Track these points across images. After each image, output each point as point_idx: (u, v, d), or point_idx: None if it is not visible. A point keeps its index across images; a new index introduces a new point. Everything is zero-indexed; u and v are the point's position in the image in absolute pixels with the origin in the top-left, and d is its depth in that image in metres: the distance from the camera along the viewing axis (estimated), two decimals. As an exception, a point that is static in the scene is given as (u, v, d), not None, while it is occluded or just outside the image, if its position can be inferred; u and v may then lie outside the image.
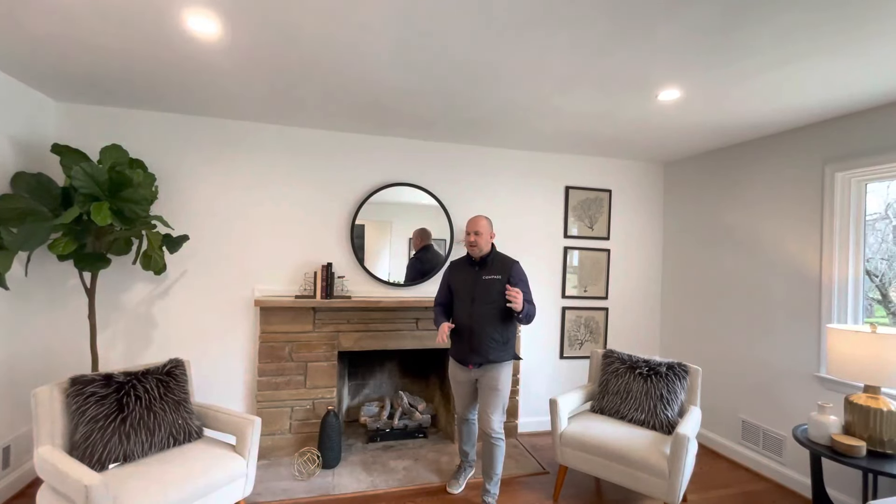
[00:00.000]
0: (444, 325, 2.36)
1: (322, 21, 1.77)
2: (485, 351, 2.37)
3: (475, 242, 2.40)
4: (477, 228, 2.40)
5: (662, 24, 1.72)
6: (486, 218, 2.44)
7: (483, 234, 2.40)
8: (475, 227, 2.40)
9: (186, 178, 3.01)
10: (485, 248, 2.43)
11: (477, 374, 2.46)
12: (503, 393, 2.42)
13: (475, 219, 2.43)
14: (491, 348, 2.37)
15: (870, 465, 2.00)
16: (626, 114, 2.74)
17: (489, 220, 2.44)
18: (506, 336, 2.40)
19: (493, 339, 2.37)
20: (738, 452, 3.20)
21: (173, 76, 2.35)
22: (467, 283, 2.45)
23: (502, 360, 2.41)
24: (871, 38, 1.78)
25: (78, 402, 1.98)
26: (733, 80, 2.20)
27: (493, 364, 2.40)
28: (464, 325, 2.41)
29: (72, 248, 2.33)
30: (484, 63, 2.10)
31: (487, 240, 2.43)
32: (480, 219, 2.43)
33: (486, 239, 2.42)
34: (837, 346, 2.25)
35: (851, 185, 2.65)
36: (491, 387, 2.41)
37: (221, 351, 3.08)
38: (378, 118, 2.97)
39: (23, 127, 2.54)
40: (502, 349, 2.40)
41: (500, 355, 2.40)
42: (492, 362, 2.39)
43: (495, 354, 2.38)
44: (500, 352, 2.39)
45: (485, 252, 2.44)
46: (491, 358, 2.38)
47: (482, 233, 2.40)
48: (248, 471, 2.21)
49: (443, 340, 2.33)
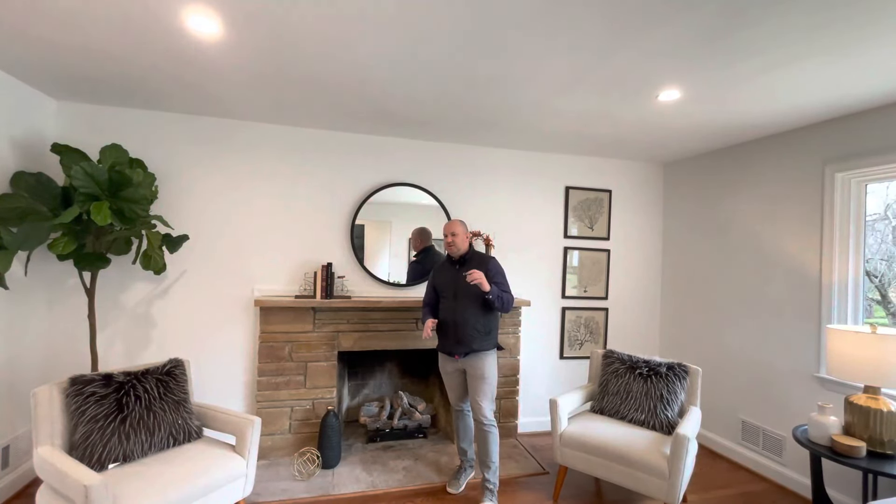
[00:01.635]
0: (428, 321, 2.58)
1: (322, 21, 1.76)
2: (468, 341, 2.53)
3: (452, 243, 2.60)
4: (453, 230, 2.60)
5: (662, 25, 1.72)
6: (460, 221, 2.66)
7: (459, 235, 2.61)
8: (451, 229, 2.61)
9: (186, 177, 3.01)
10: (462, 247, 2.62)
11: (463, 365, 2.60)
12: (490, 381, 2.57)
13: (450, 223, 2.65)
14: (474, 338, 2.53)
15: (870, 466, 2.00)
16: (626, 114, 2.74)
17: (463, 223, 2.67)
18: (488, 327, 2.57)
19: (476, 329, 2.54)
20: (738, 453, 3.20)
21: (173, 76, 2.35)
22: (449, 282, 2.62)
23: (485, 348, 2.57)
24: (870, 40, 1.78)
25: (77, 402, 1.98)
26: (733, 80, 2.20)
27: (476, 353, 2.56)
28: (448, 320, 2.58)
29: (71, 247, 2.33)
30: (484, 64, 2.10)
31: (464, 240, 2.63)
32: (455, 222, 2.65)
33: (463, 239, 2.62)
34: (837, 347, 2.25)
35: (851, 186, 2.65)
36: (477, 376, 2.55)
37: (221, 351, 3.08)
38: (378, 118, 2.97)
39: (23, 126, 2.54)
40: (485, 339, 2.56)
41: (483, 344, 2.56)
42: (475, 351, 2.55)
43: (478, 344, 2.54)
44: (482, 341, 2.55)
45: (462, 251, 2.63)
46: (474, 347, 2.54)
47: (458, 234, 2.60)
48: (248, 471, 2.21)
49: (428, 335, 2.55)
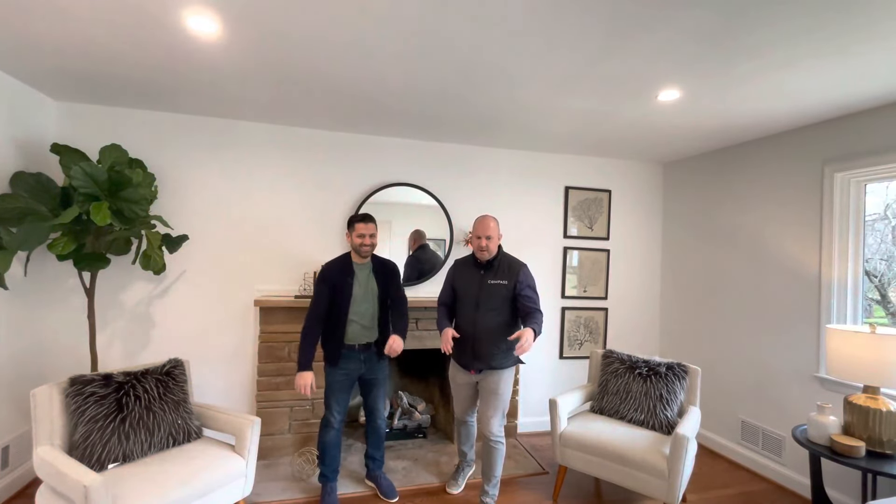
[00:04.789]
0: (447, 331, 2.30)
1: (322, 21, 1.76)
2: (488, 358, 2.33)
3: (486, 247, 2.29)
4: (488, 233, 2.28)
5: (663, 25, 1.72)
6: (494, 219, 2.31)
7: (494, 238, 2.30)
8: (486, 230, 2.28)
9: (186, 177, 3.01)
10: (494, 251, 2.34)
11: (478, 378, 2.43)
12: (504, 397, 2.39)
13: (484, 220, 2.29)
14: (494, 356, 2.33)
15: (869, 466, 2.00)
16: (626, 114, 2.74)
17: (497, 221, 2.32)
18: (511, 343, 2.29)
19: (498, 346, 2.31)
20: (738, 453, 3.20)
21: (173, 76, 2.35)
22: (472, 287, 2.37)
23: (505, 366, 2.37)
24: (869, 41, 1.78)
25: (77, 402, 1.98)
26: (733, 81, 2.20)
27: (495, 370, 2.36)
28: (467, 331, 2.36)
29: (71, 247, 2.33)
30: (485, 64, 2.10)
31: (496, 242, 2.33)
32: (490, 220, 2.29)
33: (496, 242, 2.33)
34: (837, 347, 2.25)
35: (851, 186, 2.65)
36: (491, 391, 2.37)
37: (221, 351, 3.07)
38: (378, 118, 2.97)
39: (22, 126, 2.54)
40: (505, 356, 2.35)
41: (503, 362, 2.36)
42: (494, 369, 2.35)
43: (498, 361, 2.34)
44: (503, 358, 2.35)
45: (493, 255, 2.35)
46: (493, 365, 2.34)
47: (493, 237, 2.30)
48: (248, 471, 2.21)
49: (448, 350, 2.26)
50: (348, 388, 2.49)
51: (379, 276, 2.51)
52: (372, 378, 2.53)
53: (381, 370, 2.57)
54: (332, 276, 2.41)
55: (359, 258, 2.47)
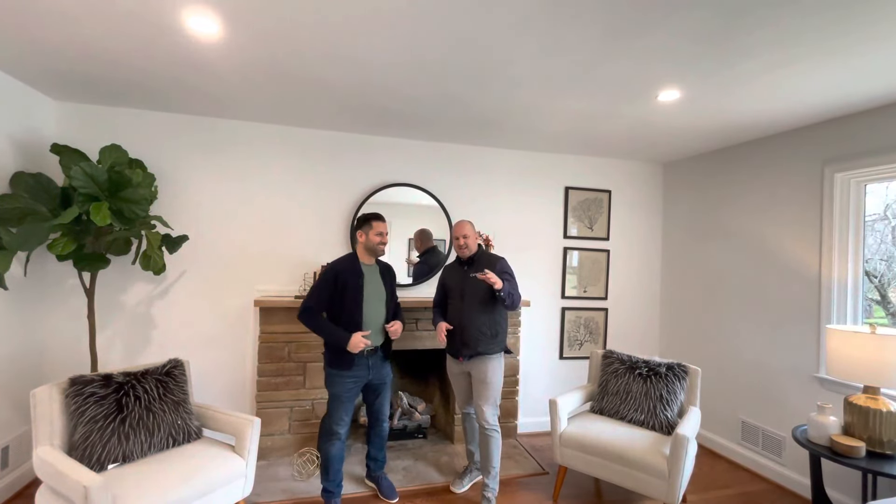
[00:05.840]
0: (441, 324, 2.55)
1: (322, 21, 1.76)
2: (474, 343, 2.49)
3: (465, 245, 2.56)
4: (465, 233, 2.57)
5: (663, 25, 1.72)
6: (469, 222, 2.64)
7: (470, 237, 2.57)
8: (463, 231, 2.57)
9: (186, 178, 3.01)
10: (473, 248, 2.60)
11: (468, 367, 2.56)
12: (494, 385, 2.52)
13: (462, 224, 2.61)
14: (480, 341, 2.49)
15: (869, 466, 2.00)
16: (626, 114, 2.74)
17: (472, 223, 2.66)
18: (494, 329, 2.52)
19: (482, 332, 2.49)
20: (738, 453, 3.20)
21: (173, 76, 2.35)
22: (457, 283, 2.60)
23: (491, 352, 2.51)
24: (869, 41, 1.79)
25: (77, 403, 1.97)
26: (733, 81, 2.20)
27: (482, 356, 2.51)
28: (456, 321, 2.55)
29: (71, 248, 2.33)
30: (485, 64, 2.10)
31: (474, 241, 2.61)
32: (466, 224, 2.61)
33: (473, 240, 2.60)
34: (837, 347, 2.25)
35: (850, 186, 2.65)
36: (481, 379, 2.51)
37: (221, 351, 3.07)
38: (378, 118, 2.97)
39: (22, 127, 2.54)
40: (491, 342, 2.51)
41: (489, 347, 2.51)
42: (481, 354, 2.50)
43: (484, 346, 2.49)
44: (488, 344, 2.50)
45: (472, 252, 2.60)
46: (480, 350, 2.49)
47: (469, 235, 2.57)
48: (248, 471, 2.21)
49: (442, 340, 2.53)
50: (356, 396, 2.46)
51: (385, 278, 2.56)
52: (380, 383, 2.54)
53: (388, 374, 2.59)
54: (345, 274, 2.40)
55: (367, 259, 2.49)
